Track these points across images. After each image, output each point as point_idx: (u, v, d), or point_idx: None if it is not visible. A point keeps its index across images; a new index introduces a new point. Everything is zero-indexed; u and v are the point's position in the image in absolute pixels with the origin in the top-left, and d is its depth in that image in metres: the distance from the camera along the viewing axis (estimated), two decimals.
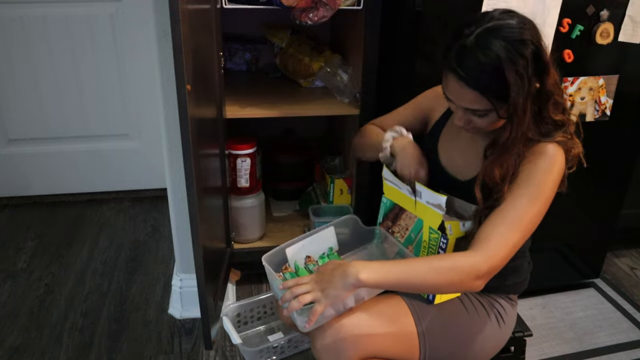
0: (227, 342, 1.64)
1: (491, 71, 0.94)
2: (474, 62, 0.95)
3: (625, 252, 2.19)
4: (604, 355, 1.65)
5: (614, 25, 1.48)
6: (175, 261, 1.77)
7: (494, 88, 0.95)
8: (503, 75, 0.93)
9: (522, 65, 0.94)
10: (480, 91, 0.96)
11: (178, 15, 0.94)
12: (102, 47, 2.22)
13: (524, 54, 0.94)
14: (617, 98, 1.59)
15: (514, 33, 0.94)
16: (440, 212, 1.07)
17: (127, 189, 2.51)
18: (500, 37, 0.94)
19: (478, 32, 0.95)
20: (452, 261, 0.98)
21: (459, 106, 1.02)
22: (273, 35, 1.91)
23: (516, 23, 0.96)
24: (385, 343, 1.07)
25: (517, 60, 0.93)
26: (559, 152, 1.02)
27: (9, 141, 2.33)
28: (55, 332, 1.68)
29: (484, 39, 0.94)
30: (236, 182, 1.71)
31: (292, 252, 1.21)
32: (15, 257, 2.05)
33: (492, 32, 0.95)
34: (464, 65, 0.96)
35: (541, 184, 1.00)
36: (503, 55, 0.93)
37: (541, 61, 0.97)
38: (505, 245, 0.98)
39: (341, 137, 2.02)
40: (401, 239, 1.19)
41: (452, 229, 1.06)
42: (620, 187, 1.77)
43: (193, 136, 1.06)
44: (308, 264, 1.21)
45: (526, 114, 0.97)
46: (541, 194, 1.00)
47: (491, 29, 0.95)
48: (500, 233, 0.98)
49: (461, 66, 0.96)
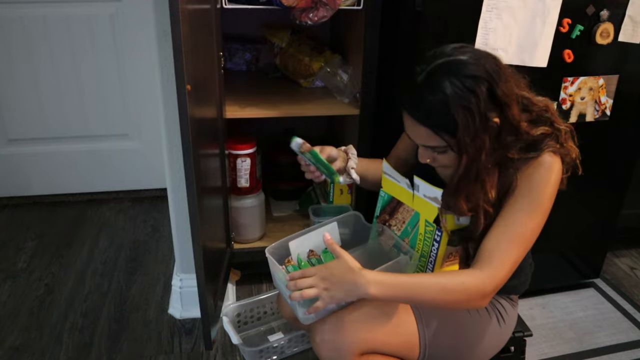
0: (227, 342, 1.64)
1: (440, 108, 0.94)
2: (423, 100, 0.96)
3: (625, 252, 2.19)
4: (604, 355, 1.65)
5: (614, 25, 1.48)
6: (175, 261, 1.77)
7: (444, 125, 0.95)
8: (450, 112, 0.93)
9: (473, 101, 0.92)
10: (431, 129, 0.97)
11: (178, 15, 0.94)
12: (102, 47, 2.22)
13: (474, 90, 0.92)
14: (617, 98, 1.59)
15: (464, 70, 0.93)
16: (436, 205, 1.08)
17: (127, 189, 2.51)
18: (449, 73, 0.93)
19: (429, 70, 0.96)
20: (460, 281, 0.99)
21: (419, 144, 1.04)
22: (273, 35, 1.91)
23: (468, 58, 0.95)
24: (385, 338, 1.08)
25: (467, 97, 0.92)
26: (556, 160, 1.01)
27: (9, 141, 2.33)
28: (55, 332, 1.68)
29: (432, 76, 0.95)
30: (236, 182, 1.71)
31: (295, 245, 1.22)
32: (15, 257, 2.05)
33: (442, 69, 0.95)
34: (414, 104, 0.97)
35: (540, 196, 1.00)
36: (450, 92, 0.92)
37: (496, 97, 0.94)
38: (508, 261, 0.99)
39: (341, 137, 2.02)
40: (398, 232, 1.21)
41: (446, 221, 1.08)
42: (620, 187, 1.77)
43: (193, 136, 1.06)
44: (311, 257, 1.22)
45: (481, 149, 0.96)
46: (540, 207, 1.00)
47: (441, 66, 0.95)
48: (503, 250, 0.99)
49: (412, 105, 0.98)
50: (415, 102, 0.97)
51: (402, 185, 1.18)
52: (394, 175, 1.19)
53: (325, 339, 1.06)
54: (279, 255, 1.21)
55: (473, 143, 0.95)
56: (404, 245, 1.18)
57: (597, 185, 1.73)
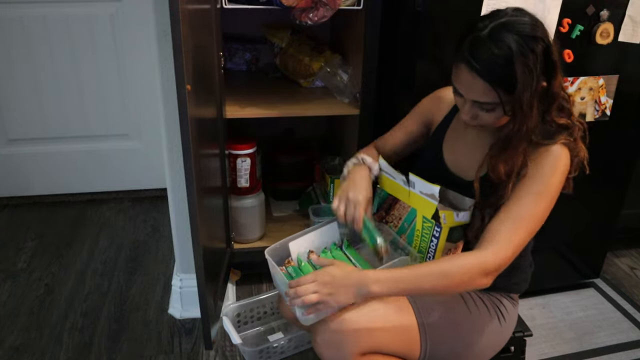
0: (227, 342, 1.64)
1: (503, 63, 0.96)
2: (486, 53, 0.97)
3: (625, 252, 2.19)
4: (604, 355, 1.65)
5: (614, 25, 1.48)
6: (175, 261, 1.77)
7: (504, 80, 0.97)
8: (513, 68, 0.95)
9: (532, 60, 0.95)
10: (490, 82, 0.98)
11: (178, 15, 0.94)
12: (102, 47, 2.22)
13: (534, 49, 0.96)
14: (617, 98, 1.59)
15: (526, 29, 0.96)
16: (434, 202, 1.08)
17: (127, 189, 2.51)
18: (513, 31, 0.96)
19: (492, 25, 0.97)
20: (460, 261, 1.00)
21: (468, 99, 1.03)
22: (273, 35, 1.91)
23: (528, 20, 0.99)
24: (386, 338, 1.08)
25: (528, 55, 0.95)
26: (564, 151, 1.03)
27: (9, 141, 2.33)
28: (55, 332, 1.68)
29: (497, 32, 0.97)
30: (236, 182, 1.71)
31: (295, 246, 1.23)
32: (15, 257, 2.05)
33: (506, 26, 0.97)
34: (477, 57, 0.97)
35: (546, 182, 1.01)
36: (515, 48, 0.95)
37: (550, 60, 0.99)
38: (512, 242, 1.00)
39: (341, 137, 2.02)
40: (395, 228, 1.21)
41: (446, 218, 1.08)
42: (620, 187, 1.77)
43: (193, 136, 1.06)
44: (311, 258, 1.22)
45: (532, 110, 0.99)
46: (547, 193, 1.02)
47: (505, 24, 0.97)
48: (507, 231, 1.00)
49: (474, 57, 0.98)
50: (478, 55, 0.97)
51: (397, 182, 1.18)
52: (390, 172, 1.20)
53: (327, 339, 1.06)
54: (279, 256, 1.21)
55: (528, 102, 0.97)
56: (401, 241, 1.19)
57: (597, 185, 1.72)
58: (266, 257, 1.18)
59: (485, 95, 1.00)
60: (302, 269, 1.18)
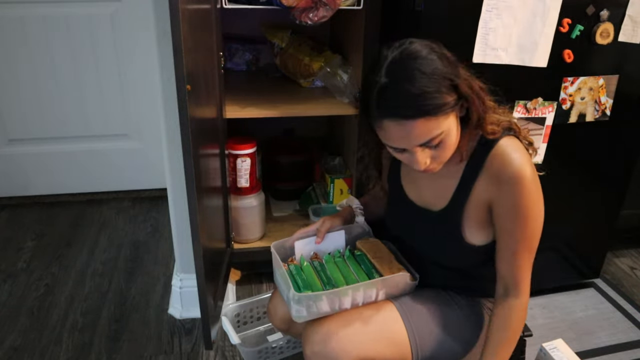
0: (227, 342, 1.64)
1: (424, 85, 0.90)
2: (402, 92, 0.90)
3: (625, 252, 2.19)
4: (604, 355, 1.65)
5: (614, 25, 1.48)
6: (175, 261, 1.77)
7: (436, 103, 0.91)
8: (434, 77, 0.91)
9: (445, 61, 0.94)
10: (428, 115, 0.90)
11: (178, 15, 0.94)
12: (102, 47, 2.22)
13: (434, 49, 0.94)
14: (617, 98, 1.59)
15: (411, 48, 0.94)
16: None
17: (127, 189, 2.51)
18: (405, 60, 0.92)
19: (384, 70, 0.93)
20: (513, 317, 1.07)
21: (414, 149, 0.95)
22: (273, 35, 1.91)
23: (405, 42, 0.96)
24: (376, 349, 1.07)
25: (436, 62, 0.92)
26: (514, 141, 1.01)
27: (9, 141, 2.33)
28: (55, 332, 1.68)
29: (392, 68, 0.92)
30: (236, 182, 1.71)
31: (301, 246, 1.23)
32: (15, 257, 2.05)
33: (397, 60, 0.93)
34: (397, 104, 0.91)
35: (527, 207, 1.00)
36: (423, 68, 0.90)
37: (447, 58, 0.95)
38: (528, 271, 1.06)
39: (341, 137, 2.02)
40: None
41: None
42: (620, 187, 1.77)
43: (193, 136, 1.05)
44: (314, 260, 1.22)
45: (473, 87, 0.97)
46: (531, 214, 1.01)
47: (393, 60, 0.93)
48: (517, 267, 1.05)
49: (394, 106, 0.91)
50: (396, 101, 0.90)
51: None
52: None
53: (315, 351, 1.05)
54: (284, 253, 1.23)
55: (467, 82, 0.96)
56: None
57: (597, 185, 1.73)
58: (271, 250, 1.19)
59: (430, 130, 0.92)
60: (303, 269, 1.19)
